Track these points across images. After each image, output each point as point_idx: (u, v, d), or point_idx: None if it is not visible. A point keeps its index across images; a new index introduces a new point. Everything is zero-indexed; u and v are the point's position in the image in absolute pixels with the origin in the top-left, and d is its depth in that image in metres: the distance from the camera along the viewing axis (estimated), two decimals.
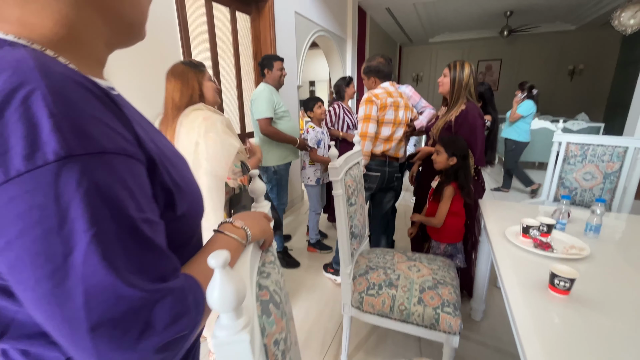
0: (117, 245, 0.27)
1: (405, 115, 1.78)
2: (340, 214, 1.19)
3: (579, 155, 1.90)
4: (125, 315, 0.27)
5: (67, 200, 0.25)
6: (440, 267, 1.38)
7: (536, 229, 1.08)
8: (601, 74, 6.89)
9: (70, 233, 0.25)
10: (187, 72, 1.14)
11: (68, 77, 0.29)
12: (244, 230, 0.50)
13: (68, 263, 0.25)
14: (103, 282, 0.26)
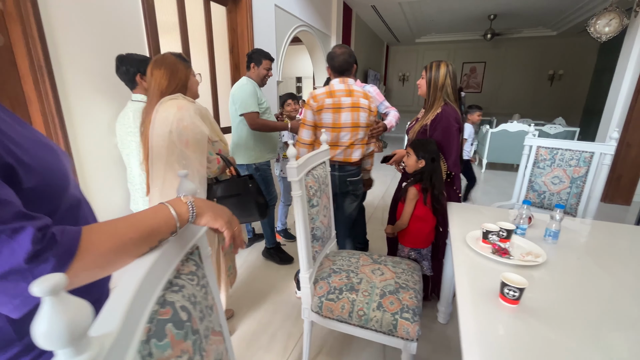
0: None
1: (353, 117, 1.57)
2: (299, 215, 1.14)
3: (548, 159, 1.92)
4: None
5: None
6: (405, 271, 1.36)
7: (495, 235, 1.06)
8: (579, 80, 7.09)
9: None
10: (177, 63, 1.19)
11: None
12: (188, 206, 0.52)
13: None
14: None
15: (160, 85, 1.15)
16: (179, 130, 1.10)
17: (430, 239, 1.65)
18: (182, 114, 1.11)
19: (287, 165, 1.08)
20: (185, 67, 1.22)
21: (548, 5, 5.44)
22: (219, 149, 1.29)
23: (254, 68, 2.05)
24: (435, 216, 1.61)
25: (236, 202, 1.24)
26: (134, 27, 1.76)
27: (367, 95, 1.62)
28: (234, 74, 2.78)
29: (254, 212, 1.24)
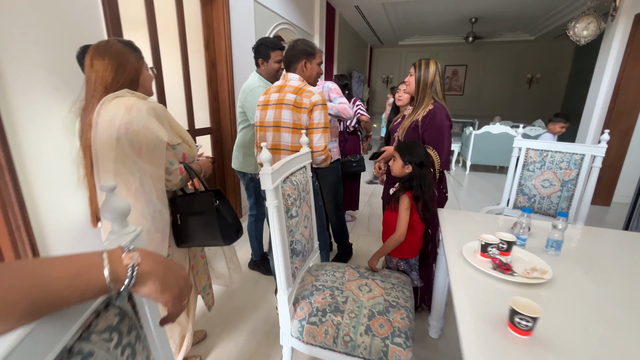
0: None
1: (275, 115, 1.39)
2: (275, 229, 0.99)
3: (538, 161, 1.85)
4: None
5: None
6: (395, 286, 1.23)
7: (495, 247, 0.96)
8: (556, 83, 7.29)
9: None
10: (126, 53, 0.94)
11: None
12: (128, 270, 0.36)
13: None
14: None
15: (104, 80, 0.91)
16: (129, 136, 0.86)
17: (418, 248, 1.53)
18: (131, 116, 0.87)
19: (260, 171, 0.93)
20: (137, 57, 0.97)
21: (525, 10, 5.54)
22: (182, 153, 1.05)
23: (263, 64, 1.84)
24: (424, 223, 1.50)
25: (200, 222, 0.99)
26: (90, 17, 1.56)
27: (300, 91, 1.37)
28: (210, 71, 2.60)
29: (217, 235, 0.98)
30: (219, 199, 1.02)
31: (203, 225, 0.98)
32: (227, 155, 2.83)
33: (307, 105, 1.36)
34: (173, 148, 1.00)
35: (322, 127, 1.38)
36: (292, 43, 1.47)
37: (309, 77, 1.49)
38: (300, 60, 1.44)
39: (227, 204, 1.05)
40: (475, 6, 5.33)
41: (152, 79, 1.06)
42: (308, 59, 1.45)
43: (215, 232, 0.97)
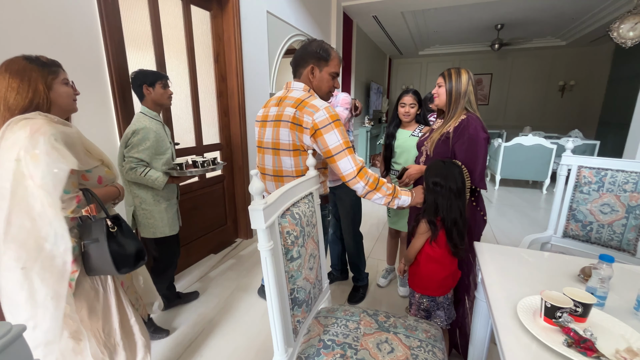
0: None
1: (273, 135, 1.16)
2: (270, 277, 0.78)
3: (594, 182, 1.55)
4: None
5: None
6: (422, 344, 0.98)
7: (566, 312, 0.69)
8: (592, 90, 6.75)
9: None
10: (29, 70, 0.87)
11: None
12: None
13: None
14: None
15: (6, 100, 0.84)
16: (27, 161, 0.79)
17: (447, 285, 1.28)
18: (35, 140, 0.80)
19: (249, 207, 0.73)
20: (43, 73, 0.88)
21: (556, 15, 5.18)
22: (99, 175, 1.01)
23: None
24: (456, 258, 1.25)
25: (95, 249, 0.92)
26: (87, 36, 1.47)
27: (302, 104, 1.10)
28: (220, 85, 2.48)
29: (109, 263, 0.91)
30: (118, 225, 0.97)
31: (98, 252, 0.91)
32: (237, 172, 2.68)
33: (308, 125, 1.07)
34: (88, 171, 0.97)
35: (343, 150, 1.07)
36: (305, 42, 1.19)
37: (317, 88, 1.20)
38: (307, 64, 1.16)
39: (127, 230, 1.00)
40: (500, 12, 5.04)
41: (70, 95, 0.96)
42: (318, 64, 1.16)
43: (108, 262, 0.91)
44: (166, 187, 1.53)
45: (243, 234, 2.84)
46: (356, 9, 4.54)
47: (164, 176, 1.47)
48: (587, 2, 4.62)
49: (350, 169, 1.08)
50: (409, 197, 1.17)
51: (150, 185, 1.45)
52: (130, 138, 1.41)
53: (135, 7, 1.84)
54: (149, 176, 1.42)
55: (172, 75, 2.11)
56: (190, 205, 2.21)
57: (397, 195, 1.15)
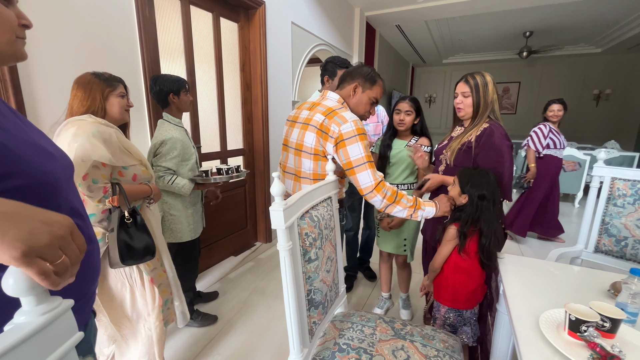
0: None
1: (299, 136, 1.21)
2: (288, 277, 0.80)
3: (629, 195, 1.47)
4: None
5: None
6: (440, 354, 0.97)
7: (593, 326, 0.67)
8: (631, 100, 6.37)
9: None
10: (92, 83, 1.07)
11: None
12: None
13: None
14: None
15: (72, 105, 1.06)
16: (67, 151, 0.93)
17: (474, 299, 1.24)
18: (78, 135, 0.97)
19: (270, 207, 0.77)
20: (102, 86, 1.08)
21: (590, 21, 4.97)
22: (134, 173, 1.12)
23: (328, 82, 1.78)
24: (484, 270, 1.21)
25: (112, 238, 1.01)
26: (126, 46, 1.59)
27: (333, 113, 1.14)
28: (245, 93, 2.58)
29: (115, 253, 1.00)
30: (133, 217, 1.05)
31: (112, 242, 1.00)
32: (259, 176, 2.75)
33: (334, 135, 1.11)
34: (124, 168, 1.08)
35: (364, 163, 1.10)
36: (360, 63, 1.30)
37: (355, 105, 1.24)
38: (353, 81, 1.21)
39: (142, 225, 1.08)
40: (529, 19, 4.90)
41: (122, 106, 1.14)
42: (363, 84, 1.21)
43: (115, 249, 0.99)
44: (192, 192, 1.60)
45: (262, 237, 2.89)
46: (380, 18, 4.58)
47: (190, 183, 1.54)
48: (625, 8, 4.40)
49: (369, 182, 1.10)
50: (434, 208, 1.15)
51: (177, 192, 1.52)
52: (158, 148, 1.49)
53: (170, 19, 1.98)
54: (176, 184, 1.50)
55: (200, 83, 2.22)
56: (213, 208, 2.29)
57: (420, 206, 1.13)
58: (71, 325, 0.37)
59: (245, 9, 2.44)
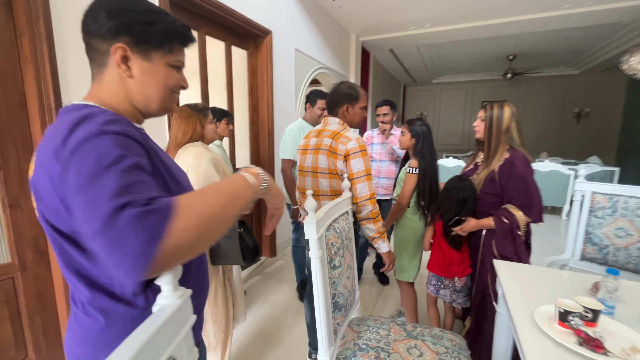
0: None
1: (313, 161, 1.38)
2: (318, 281, 0.93)
3: (608, 207, 1.64)
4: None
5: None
6: (449, 351, 1.08)
7: (578, 316, 0.80)
8: (609, 117, 6.78)
9: None
10: (191, 116, 1.33)
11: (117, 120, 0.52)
12: (260, 177, 0.61)
13: None
14: None
15: (176, 136, 1.32)
16: (191, 174, 1.19)
17: (450, 271, 1.56)
18: (199, 161, 1.22)
19: (304, 220, 0.90)
20: (199, 117, 1.34)
21: (567, 46, 5.38)
22: None
23: (310, 108, 2.12)
24: (457, 250, 1.54)
25: (227, 244, 1.24)
26: None
27: (337, 136, 1.31)
28: (252, 114, 2.74)
29: (239, 256, 1.23)
30: (243, 227, 1.28)
31: (229, 247, 1.22)
32: None
33: (341, 152, 1.29)
34: None
35: (363, 176, 1.28)
36: (336, 86, 1.41)
37: (351, 121, 1.42)
38: (342, 104, 1.38)
39: (249, 231, 1.31)
40: (511, 44, 5.28)
41: (214, 130, 1.44)
42: (351, 103, 1.39)
43: (238, 253, 1.21)
44: None
45: (267, 252, 2.98)
46: (374, 43, 4.88)
47: None
48: (597, 35, 4.80)
49: (365, 192, 1.29)
50: (388, 249, 1.38)
51: None
52: None
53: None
54: None
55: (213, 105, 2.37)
56: None
57: (384, 238, 1.36)
58: (189, 308, 0.49)
59: (254, 38, 2.64)
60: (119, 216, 0.39)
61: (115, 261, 0.40)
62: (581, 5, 3.42)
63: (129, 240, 0.39)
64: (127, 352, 0.35)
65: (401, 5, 3.51)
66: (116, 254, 0.39)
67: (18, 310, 1.33)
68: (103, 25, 0.54)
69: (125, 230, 0.39)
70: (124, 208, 0.40)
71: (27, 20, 1.20)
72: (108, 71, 0.57)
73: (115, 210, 0.39)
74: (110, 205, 0.40)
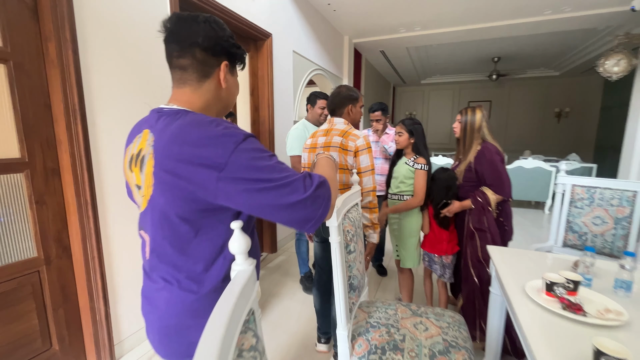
0: None
1: (309, 159, 1.58)
2: (337, 264, 1.04)
3: (586, 198, 1.82)
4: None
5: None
6: (450, 325, 1.22)
7: (562, 286, 0.95)
8: (587, 117, 7.15)
9: None
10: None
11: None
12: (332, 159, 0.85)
13: None
14: None
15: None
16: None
17: (440, 249, 1.79)
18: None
19: None
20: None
21: (547, 49, 5.67)
22: None
23: (310, 109, 2.25)
24: (443, 229, 1.78)
25: None
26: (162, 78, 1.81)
27: (347, 134, 1.45)
28: (254, 115, 2.83)
29: None
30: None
31: None
32: None
33: (352, 149, 1.43)
34: None
35: (369, 170, 1.45)
36: (337, 90, 1.56)
37: (354, 120, 1.56)
38: (346, 106, 1.52)
39: None
40: (496, 47, 5.53)
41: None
42: (353, 103, 1.53)
43: None
44: None
45: (268, 248, 3.07)
46: (366, 45, 5.03)
47: None
48: (575, 39, 5.09)
49: (369, 185, 1.46)
50: (376, 238, 1.51)
51: None
52: None
53: None
54: None
55: None
56: None
57: (375, 229, 1.50)
58: (254, 275, 0.60)
59: (254, 41, 2.73)
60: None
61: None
62: (561, 12, 3.66)
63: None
64: (227, 306, 0.45)
65: (393, 9, 3.66)
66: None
67: (44, 303, 1.39)
68: (216, 45, 0.66)
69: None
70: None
71: (53, 25, 1.27)
72: (209, 81, 0.68)
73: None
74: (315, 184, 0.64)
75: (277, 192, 0.56)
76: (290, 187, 0.58)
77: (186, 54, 0.65)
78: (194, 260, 0.63)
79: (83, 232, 1.43)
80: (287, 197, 0.57)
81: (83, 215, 1.42)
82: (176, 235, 0.61)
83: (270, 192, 0.56)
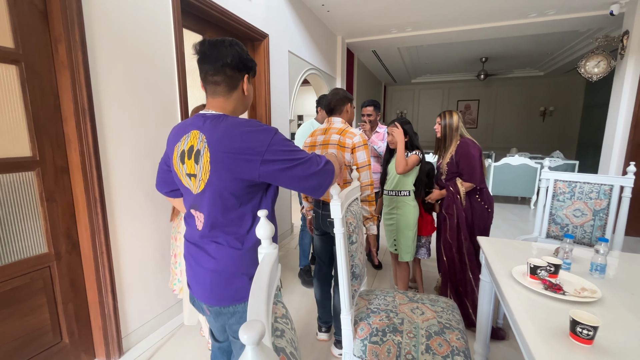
0: None
1: (322, 154, 1.73)
2: (341, 254, 1.12)
3: (567, 192, 1.95)
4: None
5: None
6: (444, 310, 1.32)
7: (544, 270, 1.05)
8: (570, 115, 7.43)
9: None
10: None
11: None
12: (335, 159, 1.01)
13: None
14: None
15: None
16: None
17: (430, 230, 2.11)
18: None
19: (331, 202, 1.09)
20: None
21: (532, 50, 5.88)
22: None
23: (320, 111, 2.43)
24: (430, 215, 2.10)
25: None
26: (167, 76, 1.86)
27: (344, 132, 1.56)
28: (251, 113, 2.88)
29: None
30: None
31: None
32: None
33: (349, 145, 1.52)
34: None
35: (366, 165, 1.54)
36: (334, 91, 1.66)
37: (350, 118, 1.68)
38: (345, 105, 1.64)
39: None
40: (484, 47, 5.70)
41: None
42: (350, 103, 1.66)
43: None
44: None
45: None
46: (358, 45, 5.11)
47: None
48: (558, 41, 5.30)
49: (367, 179, 1.55)
50: (374, 229, 1.61)
51: None
52: None
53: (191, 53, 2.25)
54: None
55: None
56: None
57: (374, 221, 1.60)
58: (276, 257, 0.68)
59: (252, 41, 2.78)
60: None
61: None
62: (545, 15, 3.82)
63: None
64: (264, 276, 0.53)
65: (386, 10, 3.75)
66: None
67: (54, 298, 1.43)
68: (240, 63, 0.84)
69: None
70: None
71: (63, 28, 1.31)
72: (236, 91, 0.87)
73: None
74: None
75: (301, 167, 0.80)
76: (309, 163, 0.82)
77: (219, 73, 0.83)
78: (238, 225, 0.83)
79: (92, 228, 1.47)
80: (308, 169, 0.82)
81: (92, 212, 1.46)
82: (227, 207, 0.81)
83: (297, 167, 0.80)
